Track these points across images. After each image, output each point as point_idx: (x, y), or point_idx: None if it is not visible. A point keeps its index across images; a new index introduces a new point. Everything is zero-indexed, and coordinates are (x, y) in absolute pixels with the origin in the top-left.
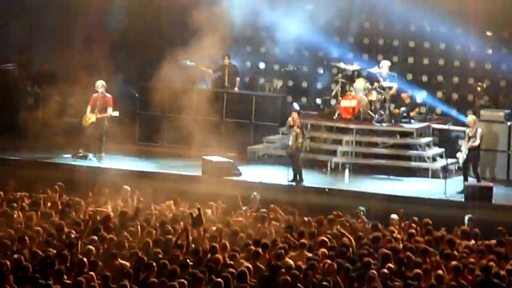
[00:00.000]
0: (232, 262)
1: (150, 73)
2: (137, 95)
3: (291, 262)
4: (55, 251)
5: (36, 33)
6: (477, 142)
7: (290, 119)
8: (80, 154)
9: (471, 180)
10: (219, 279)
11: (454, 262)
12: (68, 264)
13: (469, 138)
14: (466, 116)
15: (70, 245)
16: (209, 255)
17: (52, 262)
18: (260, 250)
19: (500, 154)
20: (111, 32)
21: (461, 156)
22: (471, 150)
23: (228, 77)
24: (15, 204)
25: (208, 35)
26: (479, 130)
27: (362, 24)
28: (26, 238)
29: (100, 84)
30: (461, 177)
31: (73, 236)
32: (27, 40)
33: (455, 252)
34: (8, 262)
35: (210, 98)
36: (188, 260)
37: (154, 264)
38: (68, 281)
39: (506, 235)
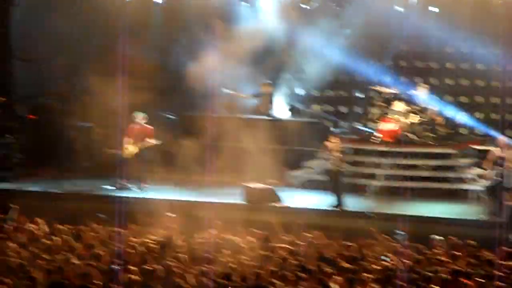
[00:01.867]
0: None
1: (190, 103)
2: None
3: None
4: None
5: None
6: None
7: (329, 143)
8: (122, 185)
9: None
10: None
11: (498, 283)
12: None
13: (498, 158)
14: (506, 136)
15: (114, 276)
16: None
17: None
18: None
19: None
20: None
21: (490, 177)
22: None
23: (267, 103)
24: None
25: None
26: (510, 152)
27: (399, 47)
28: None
29: (138, 115)
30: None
31: (116, 267)
32: (68, 72)
33: (499, 273)
34: None
35: (249, 125)
36: None
37: None
38: None
39: None
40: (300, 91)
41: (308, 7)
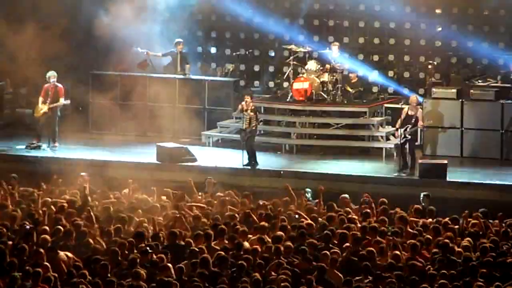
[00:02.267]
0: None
1: (100, 61)
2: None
3: (247, 245)
4: (10, 243)
5: None
6: (421, 123)
7: (243, 103)
8: (34, 145)
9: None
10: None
11: (410, 241)
12: (25, 256)
13: (408, 116)
14: (418, 94)
15: (25, 236)
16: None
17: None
18: (217, 233)
19: (453, 131)
20: (60, 19)
21: (400, 134)
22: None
23: (180, 63)
24: None
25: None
26: (420, 110)
27: (311, 6)
28: None
29: (51, 75)
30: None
31: (28, 227)
32: None
33: (411, 230)
34: None
35: (162, 84)
36: (148, 248)
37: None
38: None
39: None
40: (212, 50)
41: None
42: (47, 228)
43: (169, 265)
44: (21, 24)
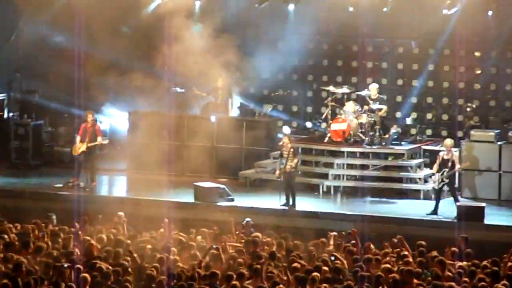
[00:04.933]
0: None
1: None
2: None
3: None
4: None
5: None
6: (459, 166)
7: (281, 143)
8: (72, 184)
9: (463, 200)
10: None
11: (447, 283)
12: None
13: (444, 161)
14: (456, 136)
15: (61, 274)
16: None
17: None
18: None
19: (491, 174)
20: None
21: (438, 179)
22: (453, 173)
23: (221, 100)
24: (5, 236)
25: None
26: (456, 154)
27: (350, 47)
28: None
29: (89, 113)
30: (452, 198)
31: (65, 265)
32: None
33: (449, 273)
34: None
35: (200, 123)
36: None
37: None
38: None
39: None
40: (252, 90)
41: (259, 6)
42: (81, 267)
43: None
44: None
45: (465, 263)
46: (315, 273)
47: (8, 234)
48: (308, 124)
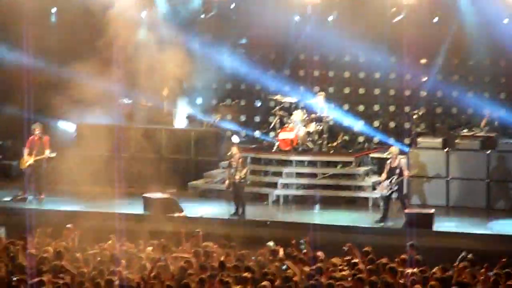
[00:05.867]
0: None
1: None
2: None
3: None
4: None
5: None
6: (407, 173)
7: (230, 153)
8: (20, 197)
9: (411, 207)
10: None
11: None
12: None
13: (392, 168)
14: (404, 144)
15: None
16: None
17: None
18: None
19: (439, 180)
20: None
21: (386, 187)
22: (401, 180)
23: (167, 109)
24: None
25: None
26: (403, 160)
27: (297, 56)
28: None
29: (36, 127)
30: (400, 205)
31: (14, 279)
32: None
33: (400, 280)
34: None
35: (147, 135)
36: None
37: None
38: None
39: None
40: (199, 100)
41: (203, 17)
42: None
43: None
44: None
45: (415, 269)
46: (266, 282)
47: None
48: (257, 134)
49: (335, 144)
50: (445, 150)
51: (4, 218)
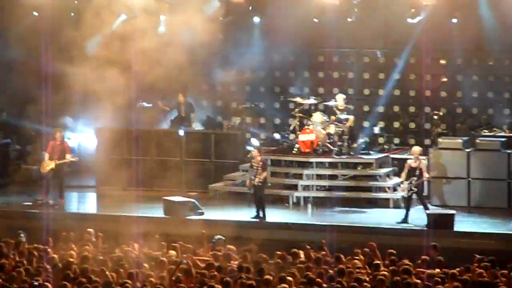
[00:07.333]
0: None
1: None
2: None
3: None
4: None
5: None
6: (426, 175)
7: (250, 155)
8: (41, 201)
9: (432, 208)
10: None
11: None
12: None
13: (412, 168)
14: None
15: None
16: None
17: None
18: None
19: (460, 181)
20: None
21: (406, 188)
22: (421, 182)
23: (185, 114)
24: None
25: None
26: (424, 161)
27: (316, 58)
28: None
29: (57, 131)
30: (421, 206)
31: (36, 283)
32: None
33: (418, 281)
34: None
35: (169, 138)
36: None
37: None
38: None
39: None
40: (220, 102)
41: (224, 19)
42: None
43: None
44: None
45: (437, 270)
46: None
47: None
48: (277, 136)
49: (355, 145)
50: (466, 150)
51: (24, 222)
